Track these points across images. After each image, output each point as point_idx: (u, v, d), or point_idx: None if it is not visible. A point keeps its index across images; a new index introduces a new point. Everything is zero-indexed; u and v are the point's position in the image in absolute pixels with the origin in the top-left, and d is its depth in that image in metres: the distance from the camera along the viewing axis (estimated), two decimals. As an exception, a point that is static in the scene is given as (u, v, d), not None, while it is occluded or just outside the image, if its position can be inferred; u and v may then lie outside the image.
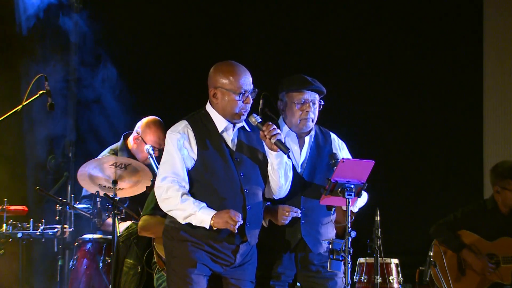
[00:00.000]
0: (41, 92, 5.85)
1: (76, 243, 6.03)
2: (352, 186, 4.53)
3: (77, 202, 6.14)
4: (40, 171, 7.64)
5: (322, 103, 4.91)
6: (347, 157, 4.92)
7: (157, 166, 5.77)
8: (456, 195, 7.90)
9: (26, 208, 6.30)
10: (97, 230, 6.01)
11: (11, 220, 6.12)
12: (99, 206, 5.77)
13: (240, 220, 4.36)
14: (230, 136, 4.57)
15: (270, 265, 4.78)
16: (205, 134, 4.52)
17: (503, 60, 8.12)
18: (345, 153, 4.98)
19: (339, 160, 4.70)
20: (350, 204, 4.52)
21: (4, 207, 6.09)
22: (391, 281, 5.55)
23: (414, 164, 8.11)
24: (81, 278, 5.88)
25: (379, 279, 5.13)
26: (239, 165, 4.53)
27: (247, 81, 4.53)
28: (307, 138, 4.91)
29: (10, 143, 7.47)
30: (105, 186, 5.64)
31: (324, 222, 4.84)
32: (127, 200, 5.98)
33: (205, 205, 4.43)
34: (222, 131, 4.55)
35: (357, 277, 5.54)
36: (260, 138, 4.54)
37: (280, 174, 4.58)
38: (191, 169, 4.50)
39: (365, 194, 4.82)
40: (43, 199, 7.05)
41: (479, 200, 7.25)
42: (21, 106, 5.84)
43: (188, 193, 4.46)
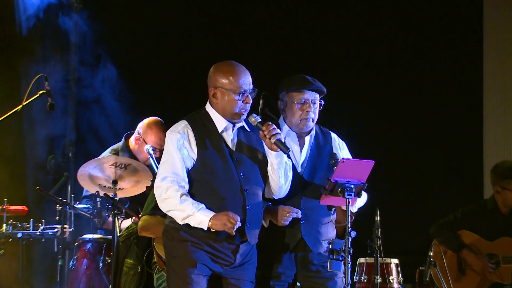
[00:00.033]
0: (41, 92, 5.84)
1: (76, 243, 6.03)
2: (352, 186, 4.52)
3: (77, 202, 6.14)
4: (40, 171, 7.64)
5: (323, 103, 4.91)
6: (348, 157, 4.92)
7: (157, 166, 5.77)
8: (456, 195, 7.89)
9: (26, 208, 6.30)
10: (97, 230, 6.01)
11: (11, 220, 6.12)
12: (99, 206, 5.78)
13: (239, 223, 4.36)
14: (230, 136, 4.57)
15: (270, 265, 4.78)
16: (205, 134, 4.52)
17: (503, 60, 8.12)
18: (345, 153, 4.97)
19: (339, 160, 4.70)
20: (350, 204, 4.52)
21: (4, 207, 6.09)
22: (391, 281, 5.54)
23: (414, 164, 8.10)
24: (81, 278, 5.88)
25: (379, 279, 5.13)
26: (239, 165, 4.52)
27: (246, 81, 4.52)
28: (308, 138, 4.90)
29: (10, 143, 7.46)
30: (105, 186, 5.64)
31: (324, 222, 4.84)
32: (127, 201, 5.98)
33: (203, 207, 4.42)
34: (222, 131, 4.54)
35: (357, 277, 5.54)
36: (260, 138, 4.54)
37: (280, 174, 4.58)
38: (191, 169, 4.49)
39: (364, 194, 4.81)
40: (43, 199, 7.05)
41: (479, 200, 7.24)
42: (21, 106, 5.84)
43: (187, 194, 4.45)
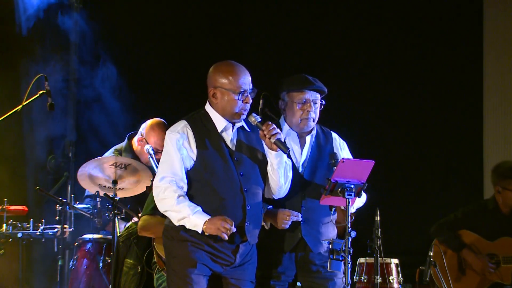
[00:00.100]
0: (41, 92, 5.84)
1: (76, 243, 6.03)
2: (352, 186, 4.52)
3: (77, 202, 6.14)
4: (40, 171, 7.64)
5: (323, 102, 4.90)
6: (348, 157, 4.91)
7: (157, 166, 5.77)
8: (456, 195, 7.90)
9: (26, 208, 6.31)
10: (99, 230, 6.01)
11: (11, 220, 6.12)
12: (99, 206, 5.77)
13: (233, 228, 4.35)
14: (229, 136, 4.57)
15: (270, 265, 4.77)
16: (204, 134, 4.52)
17: (503, 60, 8.12)
18: (345, 153, 4.97)
19: (339, 160, 4.70)
20: (350, 204, 4.52)
21: (4, 207, 6.09)
22: (391, 281, 5.54)
23: (414, 164, 8.11)
24: (81, 278, 5.88)
25: (379, 279, 5.13)
26: (238, 165, 4.52)
27: (246, 80, 4.52)
28: (308, 138, 4.90)
29: (10, 143, 7.46)
30: (105, 186, 5.64)
31: (325, 222, 4.83)
32: (129, 201, 5.96)
33: (200, 209, 4.41)
34: (221, 131, 4.54)
35: (357, 277, 5.54)
36: (260, 137, 4.54)
37: (280, 173, 4.57)
38: (190, 169, 4.49)
39: (363, 195, 4.81)
40: (43, 199, 7.05)
41: (480, 200, 7.24)
42: (21, 106, 5.84)
43: (185, 195, 4.45)
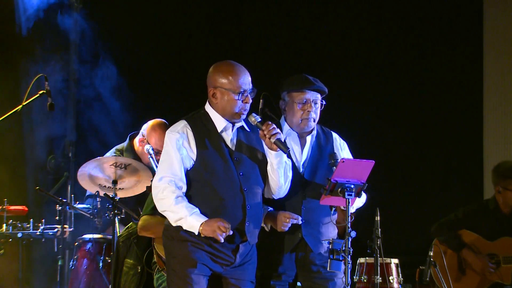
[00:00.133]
0: (41, 92, 5.83)
1: (76, 243, 6.02)
2: (352, 186, 4.52)
3: (77, 202, 6.13)
4: (40, 171, 7.64)
5: (324, 103, 4.90)
6: (348, 157, 4.91)
7: (157, 166, 5.77)
8: (456, 195, 7.90)
9: (26, 208, 6.31)
10: (100, 231, 6.00)
11: (11, 220, 6.12)
12: (99, 206, 5.77)
13: (229, 231, 4.35)
14: (229, 136, 4.56)
15: (270, 265, 4.77)
16: (204, 134, 4.51)
17: (503, 60, 8.12)
18: (346, 153, 4.96)
19: (338, 160, 4.70)
20: (350, 204, 4.52)
21: (4, 207, 6.09)
22: (391, 281, 5.54)
23: (414, 164, 8.10)
24: (81, 278, 5.88)
25: (379, 279, 5.13)
26: (238, 165, 4.52)
27: (246, 80, 4.52)
28: (309, 138, 4.89)
29: (10, 143, 7.46)
30: (105, 186, 5.64)
31: (325, 222, 4.82)
32: (131, 201, 5.96)
33: (197, 211, 4.40)
34: (221, 131, 4.54)
35: (357, 277, 5.54)
36: (260, 137, 4.54)
37: (280, 173, 4.57)
38: (190, 169, 4.49)
39: (363, 195, 4.81)
40: (43, 199, 7.05)
41: (480, 200, 7.24)
42: (21, 106, 5.83)
43: (183, 195, 4.45)
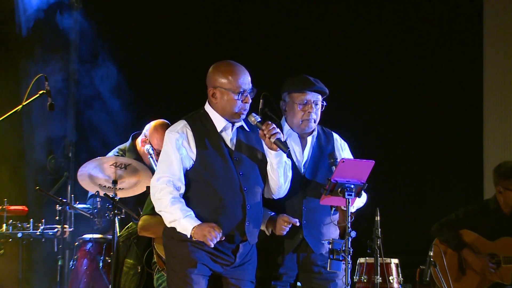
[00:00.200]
0: (41, 92, 5.83)
1: (76, 243, 6.03)
2: (352, 186, 4.52)
3: (77, 202, 6.14)
4: (40, 171, 7.64)
5: (325, 104, 4.89)
6: (349, 157, 4.91)
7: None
8: (456, 195, 7.89)
9: (26, 208, 6.31)
10: (101, 233, 6.00)
11: (11, 220, 6.13)
12: (99, 206, 5.78)
13: (220, 237, 4.34)
14: (229, 136, 4.56)
15: (272, 266, 4.76)
16: (204, 134, 4.51)
17: (503, 60, 8.12)
18: (346, 153, 4.95)
19: (337, 159, 4.69)
20: (350, 204, 4.51)
21: (4, 207, 6.10)
22: (391, 281, 5.53)
23: (414, 164, 8.10)
24: (81, 278, 5.88)
25: (379, 279, 5.12)
26: (238, 165, 4.52)
27: (246, 80, 4.52)
28: (310, 139, 4.89)
29: (10, 143, 7.47)
30: (105, 186, 5.64)
31: (326, 223, 4.82)
32: (132, 202, 5.96)
33: (191, 214, 4.40)
34: (221, 131, 4.54)
35: (357, 277, 5.53)
36: (260, 137, 4.54)
37: (280, 173, 4.57)
38: (190, 169, 4.48)
39: (364, 195, 4.80)
40: (43, 199, 7.05)
41: (481, 200, 7.23)
42: (21, 106, 5.83)
43: (180, 197, 4.45)
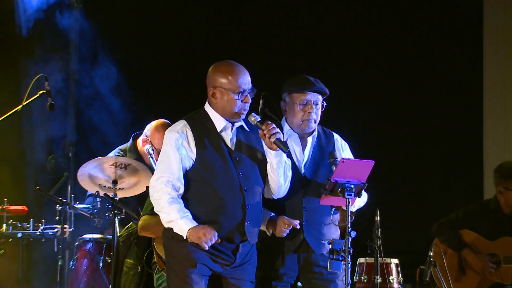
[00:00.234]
0: (41, 92, 5.83)
1: (76, 243, 6.03)
2: (352, 186, 4.51)
3: (77, 202, 6.14)
4: (40, 171, 7.64)
5: (325, 104, 4.89)
6: (349, 157, 4.90)
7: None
8: (456, 195, 7.89)
9: (26, 208, 6.31)
10: (100, 231, 6.01)
11: (11, 220, 6.13)
12: (99, 206, 5.78)
13: (214, 240, 4.34)
14: (229, 136, 4.56)
15: (272, 266, 4.76)
16: (204, 134, 4.51)
17: (503, 60, 8.12)
18: (347, 153, 4.95)
19: (337, 158, 4.69)
20: (350, 204, 4.51)
21: (4, 207, 6.10)
22: (391, 281, 5.53)
23: (414, 164, 8.10)
24: (81, 278, 5.88)
25: (379, 279, 5.12)
26: (238, 164, 4.52)
27: (245, 80, 4.52)
28: (310, 139, 4.89)
29: (10, 143, 7.47)
30: (105, 186, 5.64)
31: (327, 223, 4.81)
32: (133, 201, 5.96)
33: (188, 215, 4.40)
34: (221, 131, 4.54)
35: (357, 277, 5.53)
36: (260, 137, 4.53)
37: (280, 173, 4.57)
38: (190, 168, 4.48)
39: (364, 194, 4.80)
40: (43, 199, 7.06)
41: (481, 200, 7.22)
42: (21, 106, 5.83)
43: (179, 197, 4.45)
